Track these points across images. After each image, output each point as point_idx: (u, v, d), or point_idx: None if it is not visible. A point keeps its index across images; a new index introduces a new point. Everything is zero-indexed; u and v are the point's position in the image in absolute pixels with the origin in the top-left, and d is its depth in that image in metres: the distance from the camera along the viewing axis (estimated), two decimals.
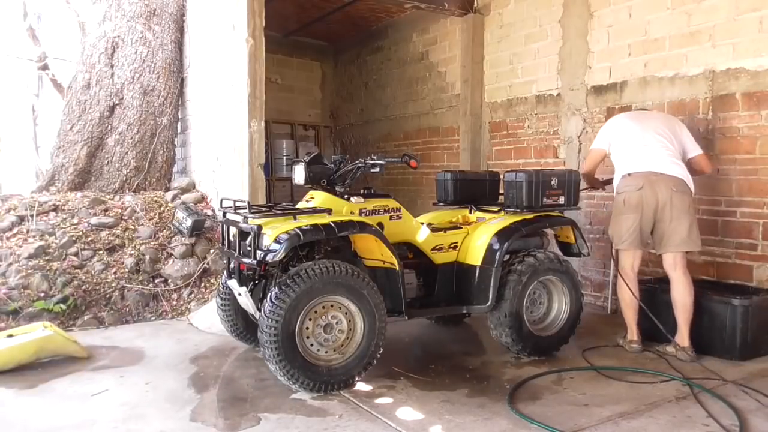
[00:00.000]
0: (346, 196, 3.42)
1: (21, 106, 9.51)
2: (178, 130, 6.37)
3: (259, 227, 3.01)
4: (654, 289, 3.96)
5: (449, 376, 3.36)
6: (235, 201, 3.45)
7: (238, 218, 3.26)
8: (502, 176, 4.07)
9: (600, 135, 4.01)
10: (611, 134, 3.93)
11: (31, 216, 4.91)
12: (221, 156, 5.39)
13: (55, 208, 5.09)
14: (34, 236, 4.77)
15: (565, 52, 5.50)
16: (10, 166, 9.12)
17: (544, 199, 3.74)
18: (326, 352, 3.09)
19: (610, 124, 3.99)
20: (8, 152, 9.29)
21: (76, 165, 5.77)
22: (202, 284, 4.93)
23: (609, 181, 4.16)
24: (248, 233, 3.06)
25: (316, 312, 3.05)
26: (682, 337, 3.64)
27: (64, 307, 4.31)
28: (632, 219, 3.66)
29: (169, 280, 4.88)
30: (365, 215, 3.38)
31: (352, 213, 3.34)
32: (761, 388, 3.09)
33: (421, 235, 3.63)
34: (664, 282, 3.86)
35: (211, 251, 5.09)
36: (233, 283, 3.41)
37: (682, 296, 3.63)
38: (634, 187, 3.65)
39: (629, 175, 3.72)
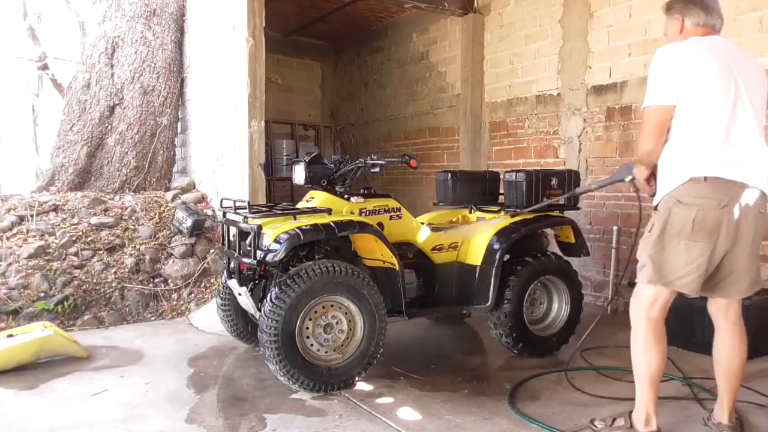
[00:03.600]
0: (346, 196, 3.42)
1: (21, 106, 9.50)
2: (178, 130, 6.37)
3: (259, 227, 3.01)
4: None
5: (449, 376, 3.36)
6: (235, 201, 3.45)
7: (238, 218, 3.26)
8: (502, 176, 4.07)
9: (659, 77, 2.30)
10: (682, 79, 2.27)
11: (31, 216, 4.91)
12: (221, 156, 5.39)
13: (55, 208, 5.09)
14: (34, 236, 4.77)
15: (565, 52, 5.50)
16: (10, 166, 9.11)
17: (544, 199, 3.74)
18: (326, 352, 3.09)
19: (676, 58, 2.28)
20: (8, 152, 9.29)
21: (76, 165, 5.77)
22: (202, 284, 4.93)
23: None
24: (248, 233, 3.06)
25: (316, 312, 3.05)
26: (723, 410, 2.56)
27: (64, 306, 4.31)
28: (700, 249, 2.28)
29: (169, 280, 4.88)
30: (365, 215, 3.38)
31: (352, 213, 3.34)
32: (761, 388, 3.09)
33: (422, 235, 3.63)
34: None
35: (211, 251, 5.09)
36: (233, 283, 3.41)
37: (730, 353, 2.56)
38: (715, 203, 2.25)
39: (705, 180, 2.25)
